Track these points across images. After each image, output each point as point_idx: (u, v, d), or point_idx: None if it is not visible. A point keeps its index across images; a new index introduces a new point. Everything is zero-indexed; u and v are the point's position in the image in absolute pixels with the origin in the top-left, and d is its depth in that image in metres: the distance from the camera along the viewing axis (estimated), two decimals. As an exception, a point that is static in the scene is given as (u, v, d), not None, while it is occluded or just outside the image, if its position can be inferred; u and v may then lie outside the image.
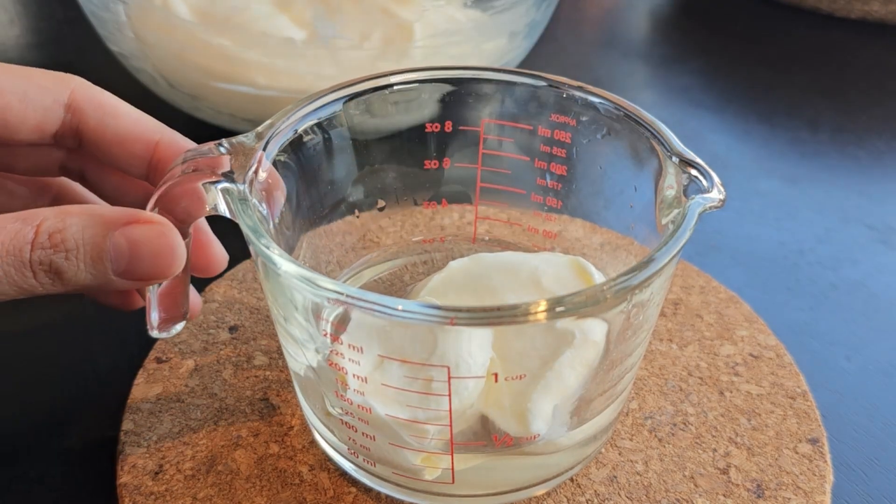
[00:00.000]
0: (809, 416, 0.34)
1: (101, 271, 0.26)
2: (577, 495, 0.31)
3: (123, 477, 0.31)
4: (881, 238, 0.46)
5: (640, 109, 0.31)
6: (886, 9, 0.69)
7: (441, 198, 0.36)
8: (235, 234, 0.28)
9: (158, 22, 0.47)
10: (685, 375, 0.35)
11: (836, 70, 0.65)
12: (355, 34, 0.47)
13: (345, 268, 0.37)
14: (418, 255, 0.38)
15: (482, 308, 0.24)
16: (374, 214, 0.37)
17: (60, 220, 0.25)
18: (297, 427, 0.33)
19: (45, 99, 0.29)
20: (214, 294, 0.39)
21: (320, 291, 0.24)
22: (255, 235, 0.26)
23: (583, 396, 0.29)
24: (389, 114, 0.34)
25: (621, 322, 0.27)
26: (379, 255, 0.38)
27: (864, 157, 0.54)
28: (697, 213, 0.27)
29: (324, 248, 0.35)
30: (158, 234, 0.26)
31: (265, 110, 0.36)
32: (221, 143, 0.28)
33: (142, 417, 0.33)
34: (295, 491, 0.30)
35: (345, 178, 0.34)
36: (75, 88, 0.29)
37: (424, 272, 0.37)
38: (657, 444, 0.32)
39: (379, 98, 0.33)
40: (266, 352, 0.36)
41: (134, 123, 0.30)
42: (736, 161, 0.53)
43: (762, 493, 0.31)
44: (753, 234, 0.46)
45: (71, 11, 0.54)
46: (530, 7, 0.51)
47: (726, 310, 0.39)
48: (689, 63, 0.66)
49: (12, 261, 0.25)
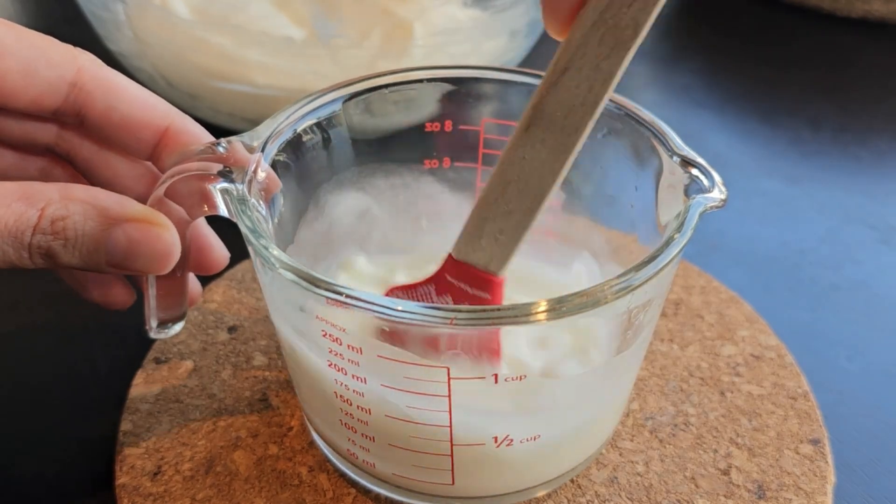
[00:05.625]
0: (811, 417, 0.34)
1: (95, 261, 0.26)
2: (577, 496, 0.31)
3: (122, 478, 0.31)
4: (883, 238, 0.46)
5: (640, 109, 0.31)
6: (888, 8, 0.69)
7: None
8: (235, 234, 0.28)
9: (157, 21, 0.47)
10: (686, 376, 0.35)
11: (838, 69, 0.64)
12: (355, 33, 0.47)
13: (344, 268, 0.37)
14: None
15: (482, 308, 0.24)
16: (375, 214, 0.37)
17: (64, 206, 0.25)
18: (296, 428, 0.33)
19: (50, 73, 0.28)
20: (214, 294, 0.39)
21: (319, 292, 0.24)
22: (253, 236, 0.26)
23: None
24: (389, 113, 0.34)
25: (622, 322, 0.27)
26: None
27: (866, 157, 0.54)
28: (698, 212, 0.27)
29: (323, 249, 0.35)
30: (157, 236, 0.26)
31: (264, 110, 0.36)
32: (220, 143, 0.28)
33: (140, 418, 0.33)
34: (294, 492, 0.30)
35: (344, 178, 0.34)
36: (83, 67, 0.28)
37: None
38: (658, 444, 0.32)
39: (378, 97, 0.33)
40: (265, 352, 0.36)
41: (143, 108, 0.29)
42: (737, 161, 0.53)
43: (763, 494, 0.31)
44: (755, 234, 0.46)
45: (70, 11, 0.54)
46: (530, 6, 0.50)
47: (727, 310, 0.38)
48: (690, 62, 0.66)
49: (12, 241, 0.25)
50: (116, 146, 0.30)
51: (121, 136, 0.29)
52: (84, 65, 0.28)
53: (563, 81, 0.24)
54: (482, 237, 0.26)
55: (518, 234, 0.25)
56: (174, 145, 0.29)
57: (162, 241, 0.26)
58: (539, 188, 0.25)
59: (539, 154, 0.24)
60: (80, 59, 0.28)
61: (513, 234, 0.25)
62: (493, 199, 0.25)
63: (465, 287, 0.27)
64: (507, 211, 0.25)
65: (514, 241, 0.26)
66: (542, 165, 0.24)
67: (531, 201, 0.25)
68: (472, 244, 0.26)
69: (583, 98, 0.24)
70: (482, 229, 0.26)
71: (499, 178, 0.25)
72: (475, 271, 0.26)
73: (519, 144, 0.24)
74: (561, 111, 0.24)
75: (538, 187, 0.24)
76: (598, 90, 0.24)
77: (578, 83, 0.24)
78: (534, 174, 0.24)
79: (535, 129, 0.24)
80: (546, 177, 0.24)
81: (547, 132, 0.24)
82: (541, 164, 0.24)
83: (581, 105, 0.24)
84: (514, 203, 0.25)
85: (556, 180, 0.25)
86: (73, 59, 0.28)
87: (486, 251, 0.26)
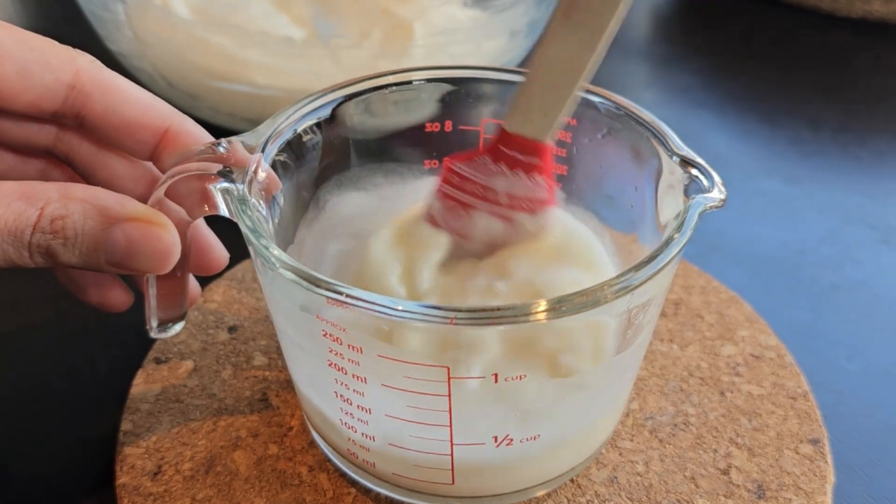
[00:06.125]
0: (810, 417, 0.34)
1: (95, 260, 0.26)
2: (577, 496, 0.31)
3: (122, 477, 0.31)
4: (883, 238, 0.46)
5: (640, 109, 0.31)
6: (887, 8, 0.69)
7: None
8: (235, 234, 0.28)
9: (157, 21, 0.47)
10: (686, 376, 0.35)
11: (838, 69, 0.64)
12: (355, 33, 0.47)
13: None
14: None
15: (482, 308, 0.24)
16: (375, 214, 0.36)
17: (64, 205, 0.25)
18: (296, 428, 0.33)
19: (48, 76, 0.27)
20: (214, 294, 0.39)
21: (319, 292, 0.24)
22: (254, 236, 0.26)
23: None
24: (389, 113, 0.34)
25: (622, 322, 0.27)
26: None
27: (866, 157, 0.54)
28: (698, 212, 0.27)
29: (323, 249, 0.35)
30: (157, 235, 0.26)
31: (264, 110, 0.36)
32: (220, 143, 0.28)
33: (141, 418, 0.33)
34: (294, 492, 0.30)
35: (344, 178, 0.34)
36: (82, 69, 0.28)
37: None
38: (658, 444, 0.32)
39: (378, 97, 0.33)
40: (265, 352, 0.36)
41: (142, 109, 0.29)
42: (737, 161, 0.53)
43: (763, 494, 0.31)
44: (754, 234, 0.46)
45: (70, 11, 0.54)
46: (530, 6, 0.50)
47: (727, 310, 0.38)
48: (689, 62, 0.66)
49: (12, 240, 0.25)
50: (116, 147, 0.30)
51: (120, 138, 0.29)
52: (83, 67, 0.28)
53: None
54: (530, 112, 0.29)
55: (561, 107, 0.29)
56: (174, 146, 0.29)
57: (162, 241, 0.26)
58: (579, 65, 0.28)
59: (579, 35, 0.27)
60: (78, 61, 0.28)
61: (557, 108, 0.29)
62: (538, 79, 0.29)
63: (517, 155, 0.30)
64: (552, 87, 0.29)
65: (558, 113, 0.29)
66: (581, 45, 0.28)
67: (572, 77, 0.28)
68: (522, 118, 0.30)
69: None
70: (529, 105, 0.29)
71: (542, 60, 0.29)
72: (526, 141, 0.30)
73: (559, 30, 0.28)
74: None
75: (578, 64, 0.28)
76: None
77: None
78: (573, 53, 0.28)
79: (574, 13, 0.27)
80: (584, 54, 0.28)
81: (585, 14, 0.27)
82: (579, 45, 0.28)
83: None
84: (557, 80, 0.29)
85: (592, 56, 0.28)
86: (71, 61, 0.28)
87: (535, 123, 0.29)
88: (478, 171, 0.31)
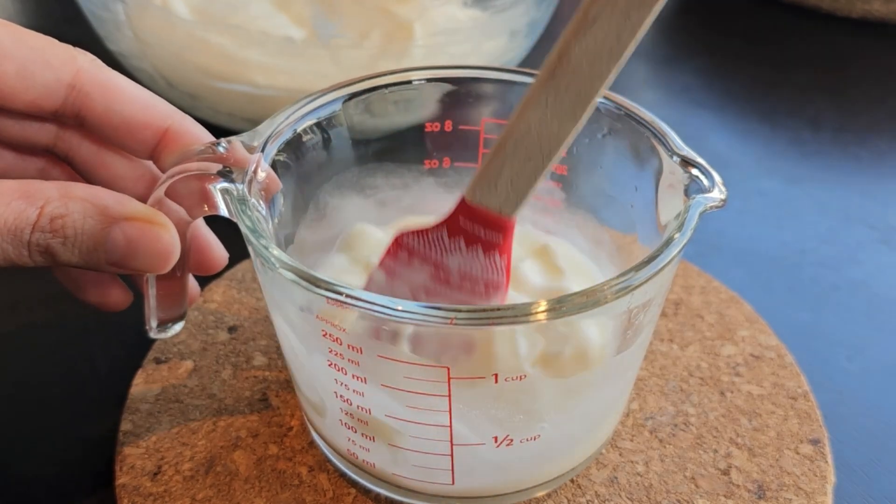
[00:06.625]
0: (811, 417, 0.34)
1: (95, 259, 0.26)
2: (577, 496, 0.31)
3: (122, 478, 0.31)
4: (883, 238, 0.46)
5: (640, 109, 0.31)
6: (888, 8, 0.69)
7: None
8: (235, 234, 0.28)
9: (157, 21, 0.47)
10: (686, 376, 0.35)
11: (838, 69, 0.64)
12: (355, 33, 0.47)
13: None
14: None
15: (482, 308, 0.24)
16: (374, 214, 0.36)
17: (63, 204, 0.25)
18: (296, 428, 0.33)
19: (47, 76, 0.27)
20: (214, 294, 0.39)
21: (319, 292, 0.24)
22: (253, 236, 0.26)
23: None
24: (389, 113, 0.34)
25: (622, 322, 0.27)
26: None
27: (866, 157, 0.54)
28: (698, 212, 0.27)
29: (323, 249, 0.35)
30: (157, 235, 0.26)
31: (264, 110, 0.36)
32: (220, 143, 0.28)
33: (140, 418, 0.33)
34: (294, 492, 0.30)
35: (344, 178, 0.34)
36: (82, 68, 0.28)
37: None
38: (658, 444, 0.32)
39: (378, 97, 0.33)
40: (265, 352, 0.36)
41: (142, 109, 0.29)
42: (737, 161, 0.53)
43: (763, 494, 0.31)
44: (755, 234, 0.46)
45: (70, 11, 0.54)
46: (531, 6, 0.50)
47: (727, 310, 0.38)
48: (690, 62, 0.66)
49: (11, 239, 0.25)
50: (116, 147, 0.30)
51: (120, 137, 0.29)
52: (83, 66, 0.28)
53: (591, 31, 0.25)
54: (498, 182, 0.27)
55: (534, 180, 0.26)
56: (174, 145, 0.29)
57: (161, 241, 0.26)
58: (558, 135, 0.25)
59: (562, 101, 0.25)
60: (78, 60, 0.28)
61: (529, 180, 0.26)
62: (511, 146, 0.26)
63: (477, 229, 0.28)
64: (526, 157, 0.26)
65: (529, 185, 0.26)
66: (564, 113, 0.25)
67: (550, 147, 0.26)
68: (486, 188, 0.27)
69: (609, 47, 0.25)
70: (499, 174, 0.27)
71: (517, 125, 0.26)
72: (489, 214, 0.27)
73: (542, 92, 0.25)
74: (587, 59, 0.25)
75: (557, 134, 0.25)
76: (625, 39, 0.25)
77: (607, 32, 0.25)
78: (554, 121, 0.25)
79: (560, 77, 0.25)
80: (566, 123, 0.25)
81: (571, 79, 0.25)
82: (562, 112, 0.25)
83: (608, 54, 0.25)
84: (532, 149, 0.26)
85: (575, 127, 0.25)
86: (71, 60, 0.28)
87: (501, 195, 0.27)
88: (431, 247, 0.28)
